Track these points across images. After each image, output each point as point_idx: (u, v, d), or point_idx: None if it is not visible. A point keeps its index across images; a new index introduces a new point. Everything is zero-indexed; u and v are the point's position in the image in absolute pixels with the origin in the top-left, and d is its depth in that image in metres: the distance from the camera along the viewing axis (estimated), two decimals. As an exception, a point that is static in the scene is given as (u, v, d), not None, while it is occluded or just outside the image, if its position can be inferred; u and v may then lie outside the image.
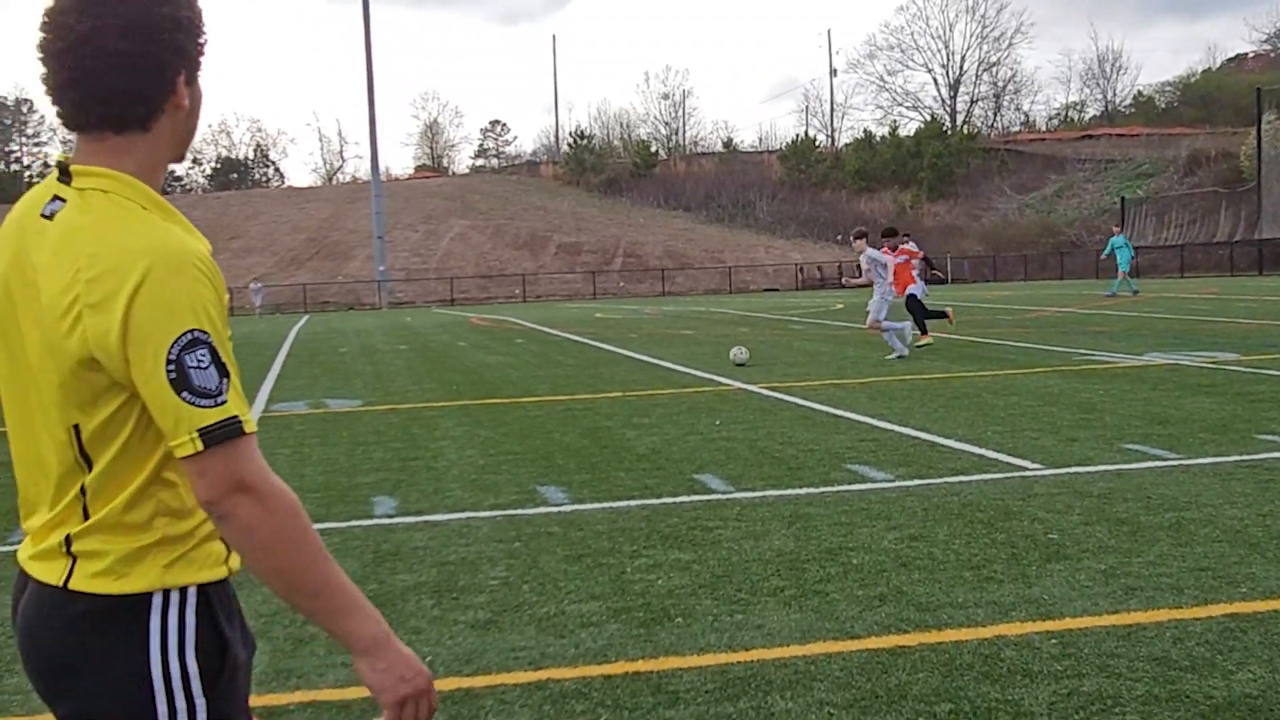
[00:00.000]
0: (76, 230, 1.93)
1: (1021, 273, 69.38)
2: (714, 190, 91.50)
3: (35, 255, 1.96)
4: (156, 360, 1.87)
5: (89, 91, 1.96)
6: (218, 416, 1.90)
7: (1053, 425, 10.65)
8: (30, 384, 2.01)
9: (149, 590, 2.00)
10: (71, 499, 2.01)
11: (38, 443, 2.03)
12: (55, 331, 1.92)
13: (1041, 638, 5.03)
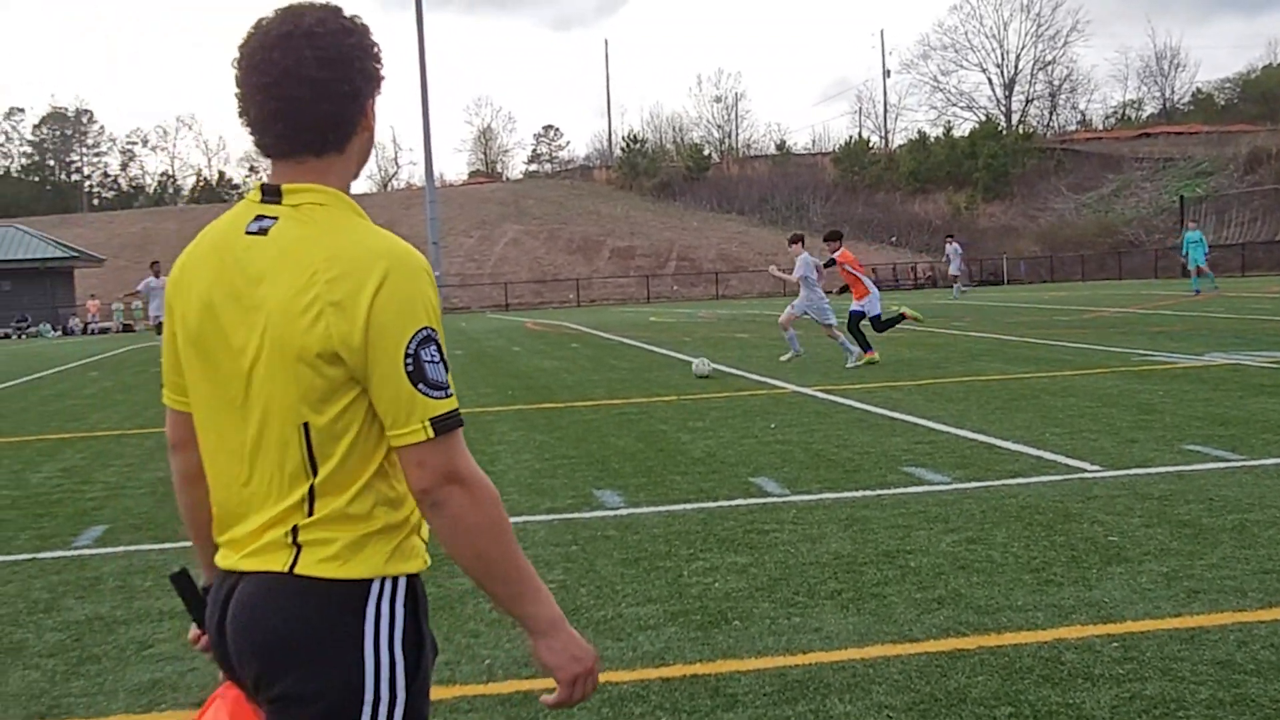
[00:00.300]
0: (303, 239, 2.09)
1: (1079, 273, 68.71)
2: (767, 193, 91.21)
3: (249, 268, 2.11)
4: (395, 354, 2.03)
5: (295, 119, 2.12)
6: (447, 408, 2.08)
7: (1112, 426, 10.55)
8: (243, 393, 2.13)
9: (370, 577, 2.13)
10: (296, 499, 2.12)
11: (252, 451, 2.14)
12: (291, 331, 2.05)
13: (1103, 641, 4.99)
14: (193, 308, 2.18)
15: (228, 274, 2.14)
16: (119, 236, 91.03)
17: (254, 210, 2.16)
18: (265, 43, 2.11)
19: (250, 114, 2.15)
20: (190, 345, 2.20)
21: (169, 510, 8.72)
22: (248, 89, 2.13)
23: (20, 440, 13.45)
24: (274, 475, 2.13)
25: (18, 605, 6.34)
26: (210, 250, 2.19)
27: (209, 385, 2.19)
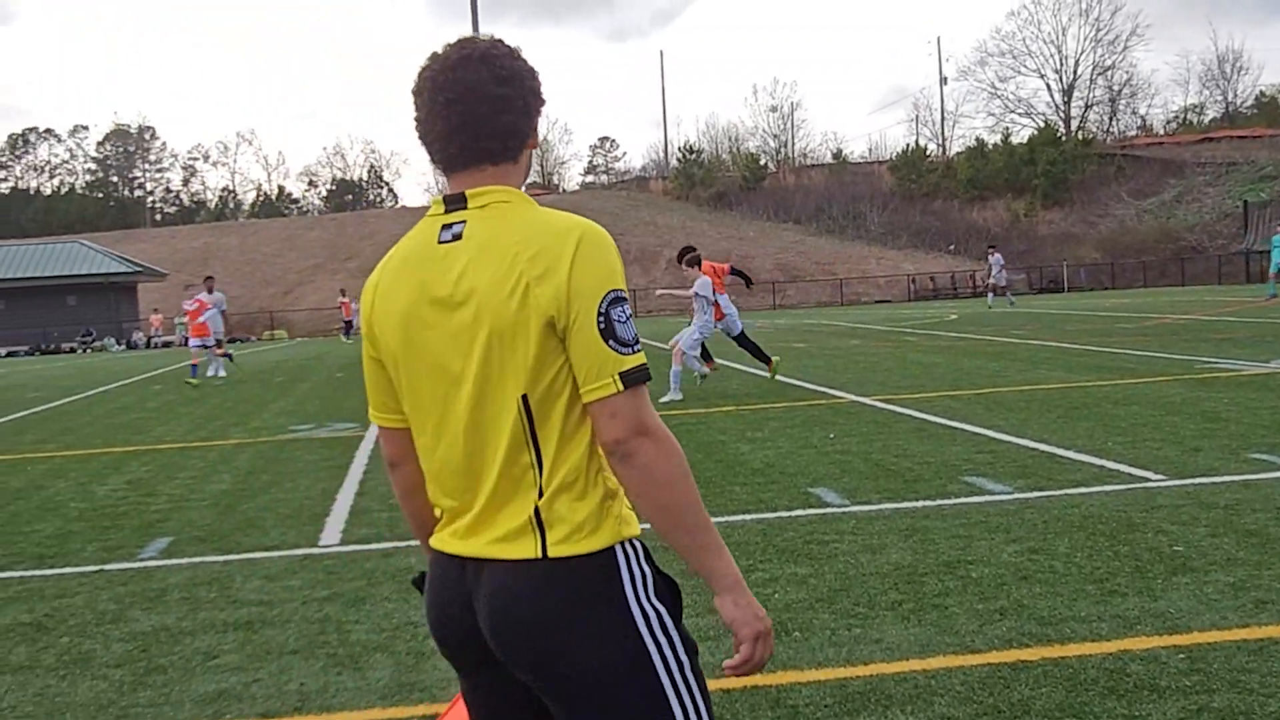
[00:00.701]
0: (498, 231, 2.26)
1: (1140, 279, 67.97)
2: (824, 202, 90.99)
3: (448, 273, 2.27)
4: (589, 312, 2.20)
5: (476, 132, 2.30)
6: (635, 363, 2.22)
7: (1175, 435, 10.43)
8: (462, 387, 2.27)
9: (612, 544, 2.27)
10: (525, 478, 2.26)
11: (477, 441, 2.27)
12: (504, 313, 2.20)
13: (1169, 652, 4.93)
14: (393, 324, 2.34)
15: (428, 283, 2.29)
16: (181, 251, 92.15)
17: (439, 222, 2.33)
18: (447, 65, 2.31)
19: (435, 130, 2.33)
20: (400, 358, 2.35)
21: (232, 522, 8.82)
22: (433, 107, 2.31)
23: (87, 453, 13.65)
24: (500, 454, 2.25)
25: (85, 616, 6.44)
26: (402, 267, 2.35)
27: (427, 389, 2.33)
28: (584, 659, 2.21)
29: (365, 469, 11.14)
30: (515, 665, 2.27)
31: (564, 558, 2.22)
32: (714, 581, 2.30)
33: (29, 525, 9.20)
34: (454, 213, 2.32)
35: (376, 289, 2.39)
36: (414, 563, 7.22)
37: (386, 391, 2.44)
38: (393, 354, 2.36)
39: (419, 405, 2.35)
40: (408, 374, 2.35)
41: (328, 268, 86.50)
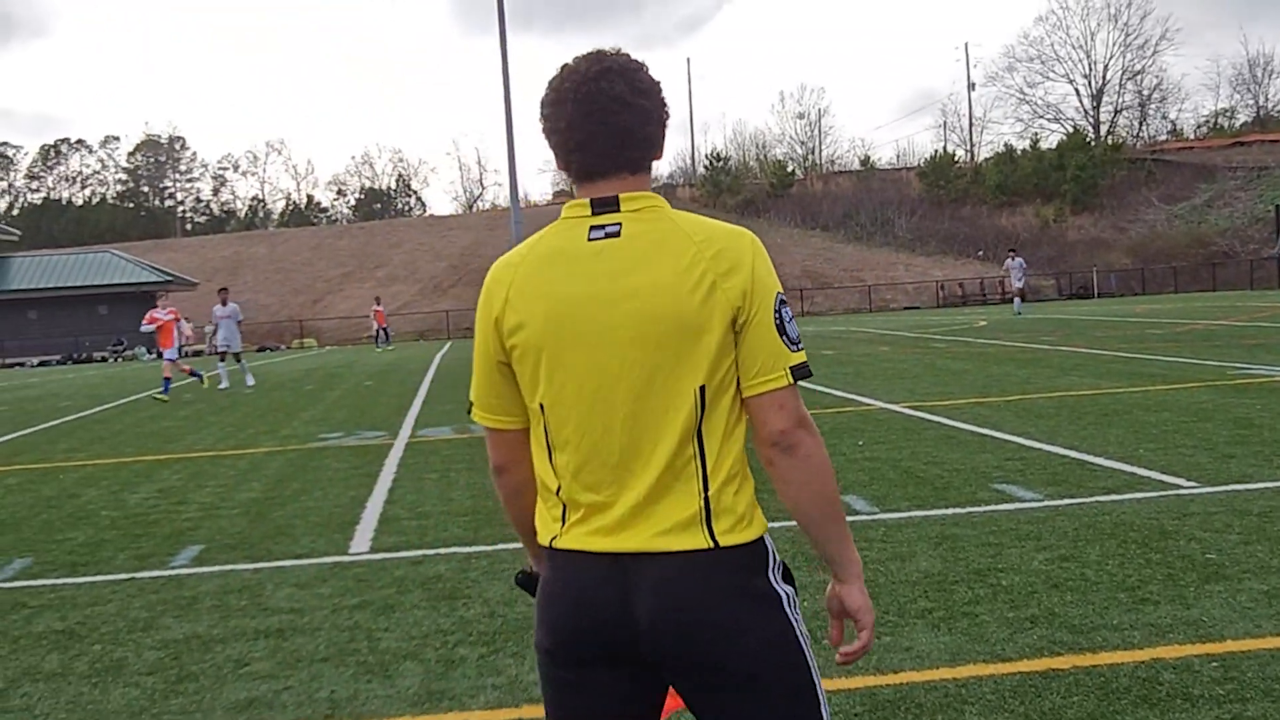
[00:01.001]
0: (668, 231, 2.35)
1: (1171, 285, 67.58)
2: (852, 208, 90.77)
3: (610, 266, 2.33)
4: (768, 309, 2.32)
5: (619, 140, 2.37)
6: (801, 359, 2.35)
7: (1208, 442, 10.36)
8: (624, 375, 2.31)
9: (763, 533, 2.40)
10: (687, 469, 2.32)
11: (637, 430, 2.32)
12: (688, 307, 2.28)
13: (1201, 661, 4.89)
14: (539, 319, 2.35)
15: (582, 276, 2.33)
16: (211, 260, 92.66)
17: (585, 223, 2.38)
18: (587, 77, 2.37)
19: (576, 139, 2.38)
20: (545, 352, 2.35)
21: (262, 530, 8.86)
22: (575, 118, 2.36)
23: (118, 461, 13.74)
24: (670, 451, 2.31)
25: (117, 624, 6.47)
26: (548, 264, 2.38)
27: (576, 383, 2.34)
28: (747, 642, 2.29)
29: (394, 477, 11.17)
30: (674, 658, 2.30)
31: (731, 546, 2.31)
32: (848, 569, 2.45)
33: (61, 533, 9.26)
34: (604, 215, 2.37)
35: (512, 286, 2.40)
36: (443, 570, 7.23)
37: (501, 393, 2.46)
38: (534, 349, 2.36)
39: (562, 399, 2.36)
40: (553, 368, 2.35)
41: (356, 276, 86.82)
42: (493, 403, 2.48)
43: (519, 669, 5.28)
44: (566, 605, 2.37)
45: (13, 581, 7.70)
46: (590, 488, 2.35)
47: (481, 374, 2.48)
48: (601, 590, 2.33)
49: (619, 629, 2.31)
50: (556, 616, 2.38)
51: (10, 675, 5.67)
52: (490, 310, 2.43)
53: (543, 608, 2.42)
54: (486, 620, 6.09)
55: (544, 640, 2.41)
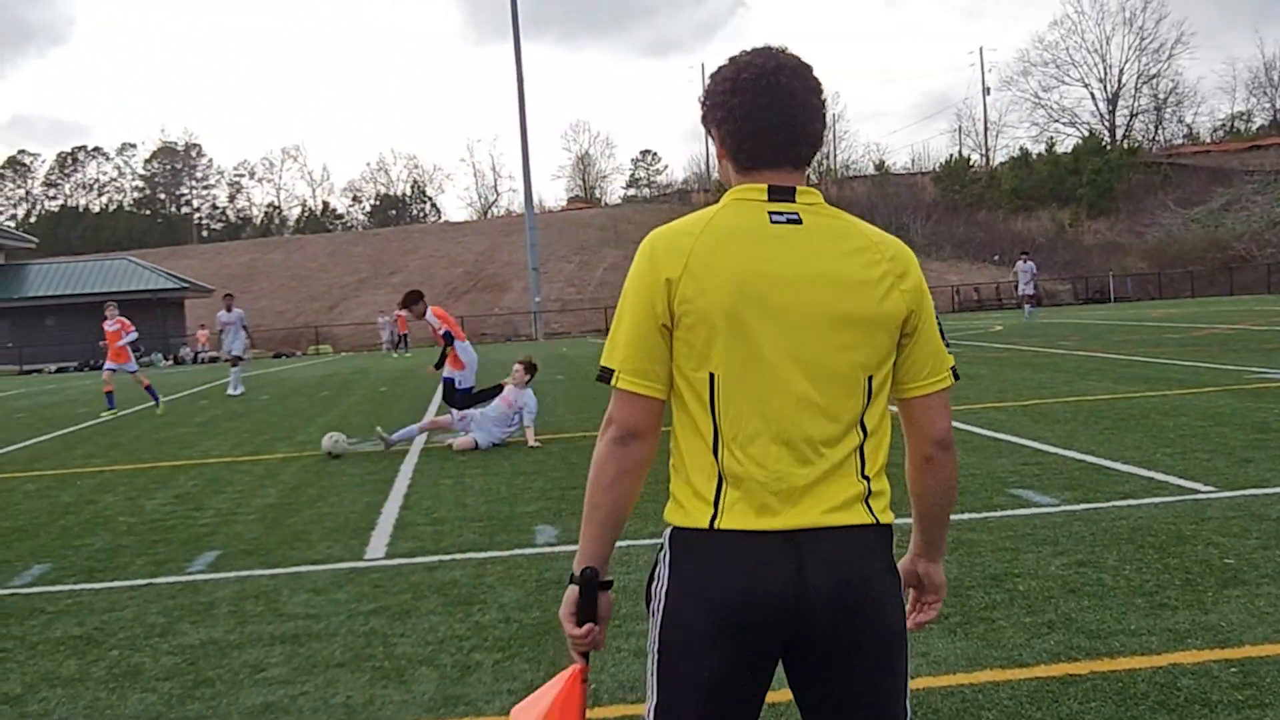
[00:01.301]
0: (845, 226, 2.48)
1: (1188, 289, 67.36)
2: (867, 213, 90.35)
3: (796, 249, 2.40)
4: (931, 313, 2.51)
5: (797, 136, 2.46)
6: (953, 361, 2.57)
7: (1225, 446, 10.32)
8: (805, 361, 2.39)
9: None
10: (853, 451, 2.43)
11: (809, 408, 2.39)
12: (870, 301, 2.40)
13: (1220, 666, 4.87)
14: (722, 287, 2.36)
15: (769, 256, 2.38)
16: (228, 267, 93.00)
17: (762, 207, 2.43)
18: (766, 71, 2.44)
19: (751, 128, 2.45)
20: (725, 325, 2.36)
21: (279, 536, 8.88)
22: (754, 109, 2.43)
23: (135, 468, 13.77)
24: (835, 429, 2.41)
25: (135, 629, 6.49)
26: (731, 237, 2.40)
27: (755, 360, 2.37)
28: (894, 616, 2.44)
29: (410, 483, 11.18)
30: (836, 630, 2.37)
31: (886, 525, 2.46)
32: (941, 549, 2.69)
33: (79, 539, 9.29)
34: (782, 202, 2.43)
35: (692, 254, 2.39)
36: (458, 576, 7.24)
37: (657, 357, 2.42)
38: (712, 318, 2.36)
39: (739, 372, 2.37)
40: (733, 340, 2.36)
41: (372, 282, 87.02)
42: (645, 367, 2.42)
43: (534, 674, 5.28)
44: (739, 583, 2.35)
45: (31, 587, 7.73)
46: (760, 462, 2.38)
47: (637, 337, 2.43)
48: (775, 567, 2.35)
49: (792, 604, 2.34)
50: (725, 595, 2.35)
51: (28, 680, 5.69)
52: (660, 273, 2.40)
53: (699, 587, 2.38)
54: (502, 625, 6.09)
55: (699, 621, 2.37)
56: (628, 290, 2.47)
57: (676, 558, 2.44)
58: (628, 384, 2.43)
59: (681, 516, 2.44)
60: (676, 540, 2.45)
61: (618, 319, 2.48)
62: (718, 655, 2.36)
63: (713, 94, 2.49)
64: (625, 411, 2.45)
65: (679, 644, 2.40)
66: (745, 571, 2.35)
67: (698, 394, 2.41)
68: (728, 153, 2.50)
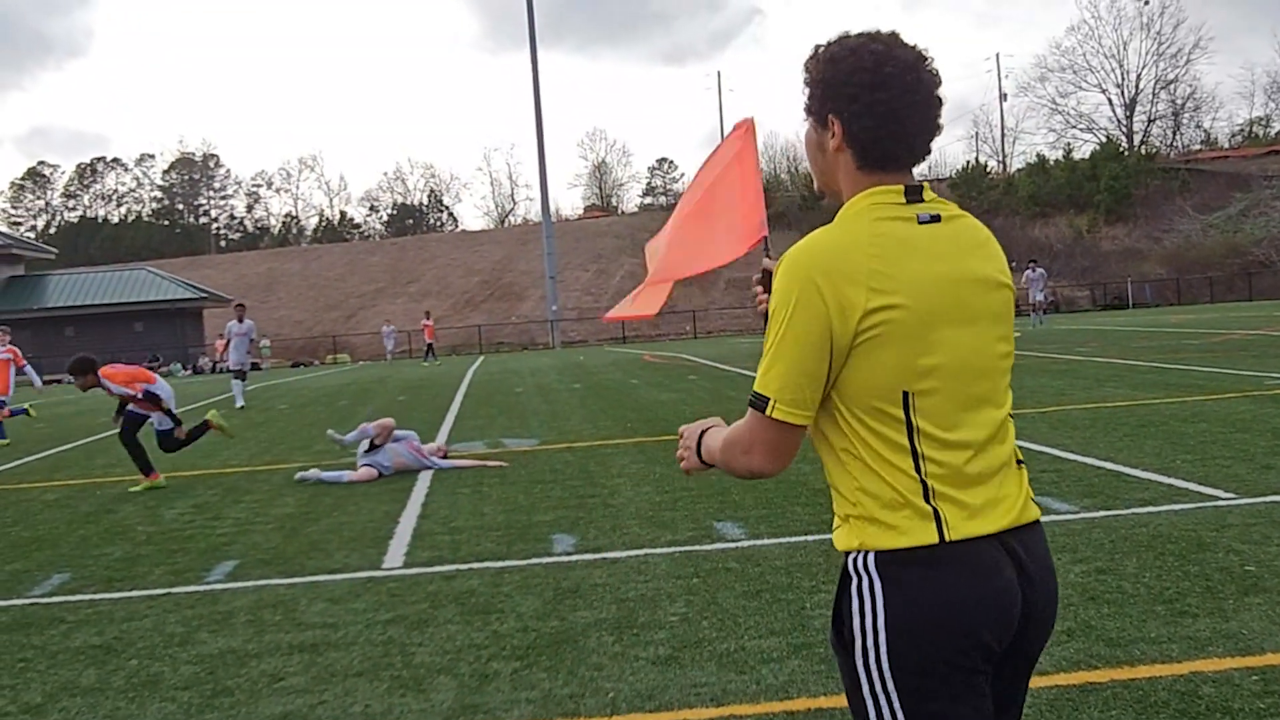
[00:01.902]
0: (973, 224, 2.45)
1: (1207, 295, 67.10)
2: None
3: (951, 249, 2.36)
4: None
5: (931, 135, 2.40)
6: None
7: (1246, 452, 10.27)
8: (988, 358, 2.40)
9: None
10: (1013, 446, 2.47)
11: (996, 411, 2.41)
12: (1005, 292, 2.43)
13: (1241, 674, 4.84)
14: (913, 297, 2.27)
15: (937, 258, 2.33)
16: (245, 277, 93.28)
17: (902, 209, 2.35)
18: (908, 65, 2.34)
19: (891, 126, 2.35)
20: (915, 330, 2.28)
21: (297, 545, 8.89)
22: (898, 105, 2.34)
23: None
24: (1003, 425, 2.42)
25: (154, 639, 6.51)
26: (900, 245, 2.31)
27: (944, 358, 2.32)
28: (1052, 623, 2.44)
29: (427, 492, 11.19)
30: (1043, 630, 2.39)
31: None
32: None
33: (98, 548, 9.32)
34: (918, 204, 2.37)
35: (870, 274, 2.26)
36: (476, 585, 7.24)
37: (819, 385, 2.31)
38: (907, 329, 2.27)
39: (934, 383, 2.30)
40: (927, 349, 2.29)
41: (389, 292, 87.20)
42: (803, 397, 2.31)
43: (552, 683, 5.27)
44: (978, 596, 2.27)
45: (51, 597, 7.75)
46: (964, 466, 2.33)
47: (799, 368, 2.30)
48: (1004, 575, 2.31)
49: (1020, 611, 2.32)
50: (967, 613, 2.26)
51: (49, 690, 5.71)
52: (834, 297, 2.25)
53: (935, 610, 2.26)
54: (520, 635, 6.09)
55: (943, 649, 2.25)
56: (789, 314, 2.29)
57: (893, 583, 2.29)
58: (783, 414, 2.32)
59: (891, 537, 2.30)
60: (887, 563, 2.30)
61: (776, 345, 2.32)
62: (968, 682, 2.26)
63: (845, 85, 2.35)
64: (773, 441, 2.36)
65: (922, 679, 2.26)
66: (981, 583, 2.27)
67: (886, 410, 2.30)
68: (853, 148, 2.38)
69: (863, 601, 2.31)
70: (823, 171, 2.50)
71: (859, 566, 2.33)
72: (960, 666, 2.25)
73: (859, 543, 2.33)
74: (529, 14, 68.59)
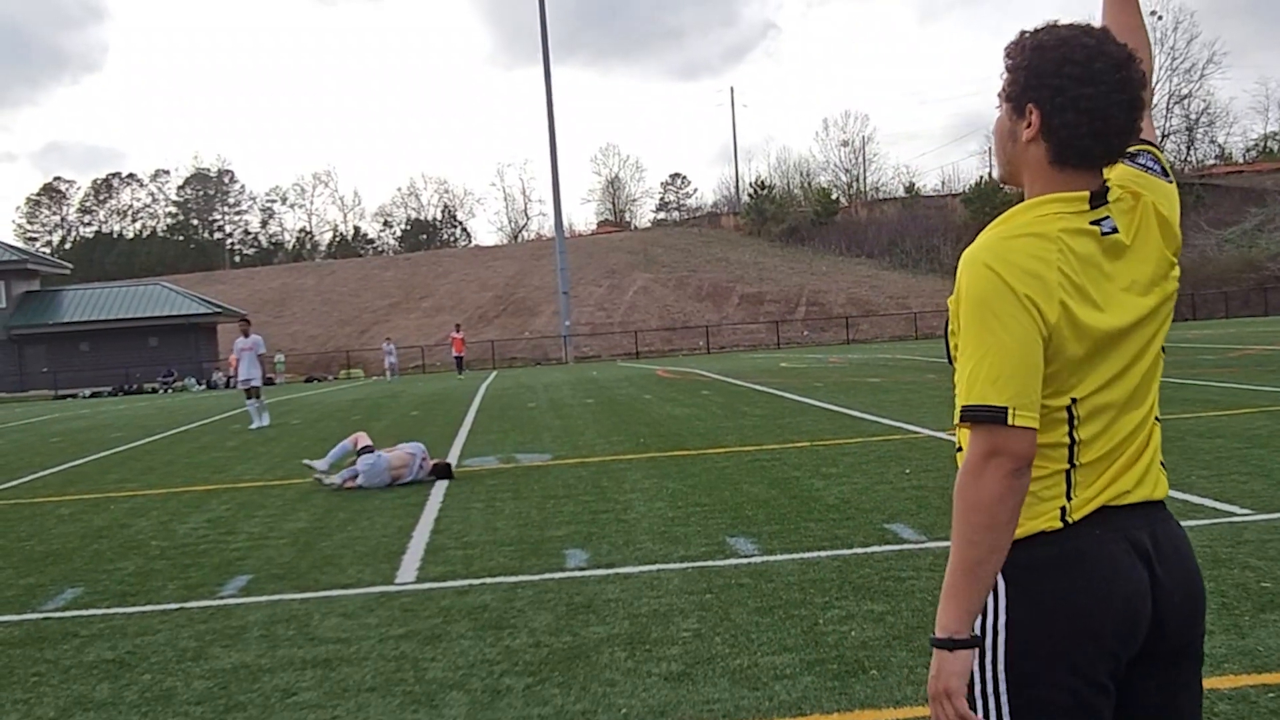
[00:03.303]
0: (1140, 224, 2.37)
1: (1222, 310, 66.94)
2: (897, 236, 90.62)
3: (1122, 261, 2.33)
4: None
5: (1131, 132, 2.32)
6: None
7: (1262, 468, 10.22)
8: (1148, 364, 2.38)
9: None
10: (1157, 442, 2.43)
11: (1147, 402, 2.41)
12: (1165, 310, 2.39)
13: (1258, 691, 4.81)
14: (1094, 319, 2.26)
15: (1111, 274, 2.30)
16: (260, 292, 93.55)
17: (1087, 217, 2.31)
18: (1118, 61, 2.28)
19: (1098, 126, 2.28)
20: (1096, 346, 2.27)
21: (310, 560, 8.89)
22: (1110, 104, 2.27)
23: (167, 492, 13.84)
24: (1149, 413, 2.41)
25: (167, 654, 6.51)
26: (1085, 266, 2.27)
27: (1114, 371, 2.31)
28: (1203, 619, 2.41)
29: (440, 507, 11.19)
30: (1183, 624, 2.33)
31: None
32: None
33: (111, 563, 9.33)
34: (1100, 209, 2.32)
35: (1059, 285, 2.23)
36: (489, 600, 7.23)
37: (1039, 385, 2.23)
38: (1084, 347, 2.26)
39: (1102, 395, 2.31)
40: (1100, 363, 2.29)
41: (403, 307, 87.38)
42: (1035, 398, 2.22)
43: (565, 699, 5.26)
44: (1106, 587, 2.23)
45: (64, 611, 7.76)
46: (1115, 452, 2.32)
47: (1024, 368, 2.21)
48: (1135, 566, 2.27)
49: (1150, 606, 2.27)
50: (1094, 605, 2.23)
51: (62, 704, 5.71)
52: (1030, 297, 2.21)
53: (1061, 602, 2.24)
54: (532, 650, 6.08)
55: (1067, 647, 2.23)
56: (993, 321, 2.22)
57: (1017, 583, 2.28)
58: (1025, 420, 2.20)
59: (1039, 520, 2.29)
60: (1015, 561, 2.27)
61: (988, 352, 2.22)
62: (1087, 701, 2.22)
63: (1052, 75, 2.28)
64: (1019, 448, 2.20)
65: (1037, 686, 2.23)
66: (1107, 585, 2.23)
67: (1050, 406, 2.28)
68: (1049, 141, 2.31)
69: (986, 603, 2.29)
70: (1009, 161, 2.45)
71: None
72: (1082, 676, 2.22)
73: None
74: (542, 30, 68.82)
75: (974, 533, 2.20)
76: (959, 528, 2.22)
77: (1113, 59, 2.25)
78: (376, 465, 12.87)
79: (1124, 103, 2.26)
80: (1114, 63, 2.25)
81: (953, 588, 2.22)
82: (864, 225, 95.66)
